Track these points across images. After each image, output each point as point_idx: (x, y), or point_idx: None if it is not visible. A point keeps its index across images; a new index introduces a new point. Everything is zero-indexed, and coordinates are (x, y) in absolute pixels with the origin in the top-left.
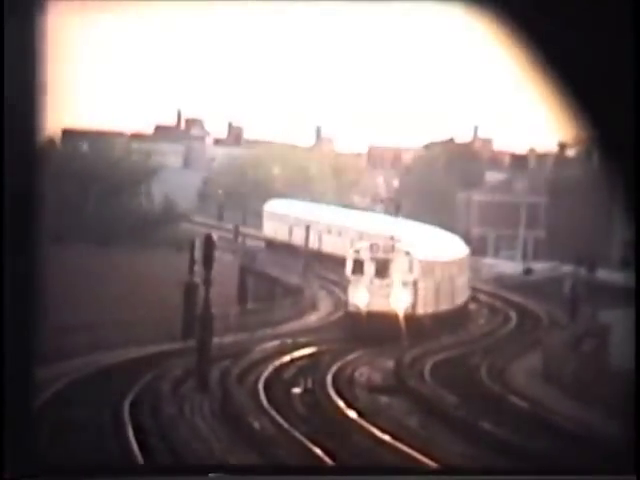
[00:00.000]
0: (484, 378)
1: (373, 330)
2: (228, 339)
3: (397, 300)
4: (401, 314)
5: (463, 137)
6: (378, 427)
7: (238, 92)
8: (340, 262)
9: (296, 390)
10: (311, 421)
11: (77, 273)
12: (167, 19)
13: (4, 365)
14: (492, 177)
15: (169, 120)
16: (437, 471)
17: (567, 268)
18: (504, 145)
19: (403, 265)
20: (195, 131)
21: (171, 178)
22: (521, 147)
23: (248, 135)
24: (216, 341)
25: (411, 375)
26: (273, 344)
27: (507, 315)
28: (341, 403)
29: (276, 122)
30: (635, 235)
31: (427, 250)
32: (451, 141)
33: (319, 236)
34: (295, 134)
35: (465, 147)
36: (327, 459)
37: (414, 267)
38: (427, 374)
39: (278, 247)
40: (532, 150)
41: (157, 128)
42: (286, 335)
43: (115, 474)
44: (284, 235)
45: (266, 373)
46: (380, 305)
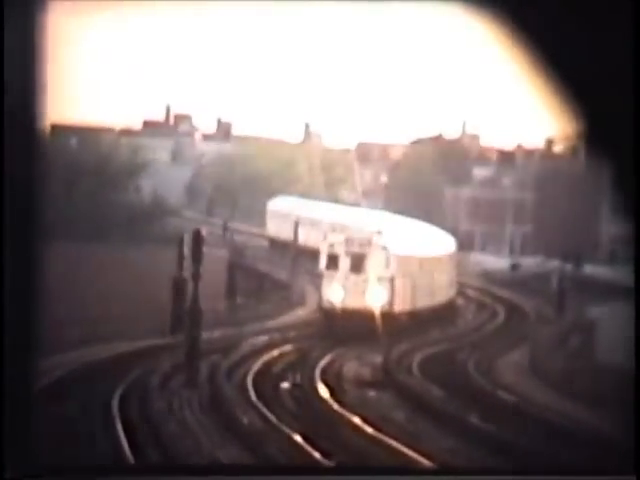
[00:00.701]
0: (472, 372)
1: (348, 327)
2: (217, 334)
3: (373, 297)
4: (377, 311)
5: (451, 133)
6: (366, 421)
7: (227, 88)
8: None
9: (285, 385)
10: (299, 416)
11: (66, 268)
12: (156, 16)
13: (4, 363)
14: (480, 173)
15: (158, 116)
16: (435, 471)
17: (554, 263)
18: (492, 141)
19: (379, 260)
20: (184, 127)
21: (160, 173)
22: (508, 143)
23: (237, 131)
24: (205, 336)
25: (399, 370)
26: (262, 339)
27: (494, 310)
28: (329, 398)
29: (265, 118)
30: (635, 235)
31: (406, 245)
32: (439, 137)
33: (309, 232)
34: (284, 130)
35: (453, 143)
36: (315, 453)
37: (391, 262)
38: (415, 369)
39: (281, 245)
40: (519, 146)
41: (146, 123)
42: (274, 330)
43: (115, 474)
44: (288, 233)
45: (255, 368)
46: (355, 302)
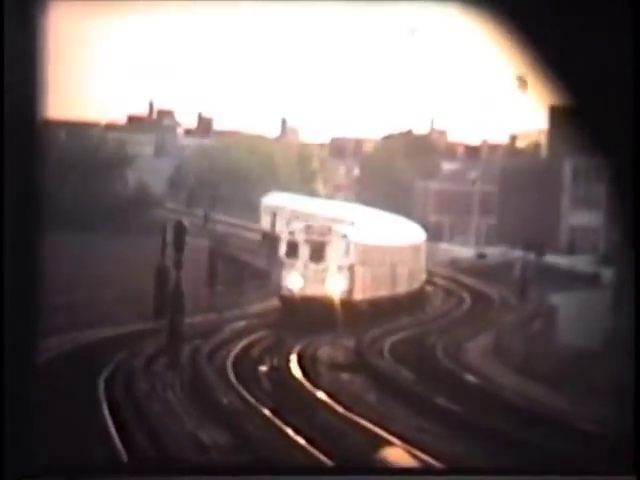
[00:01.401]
0: (439, 356)
1: (307, 315)
2: (198, 319)
3: (332, 285)
4: (337, 299)
5: (420, 129)
6: (339, 402)
7: (208, 85)
8: None
9: (262, 368)
10: (276, 397)
11: (56, 257)
12: (142, 17)
13: (4, 362)
14: (447, 167)
15: (142, 111)
16: (434, 472)
17: (517, 253)
18: (459, 137)
19: (339, 249)
20: (166, 122)
21: (144, 166)
22: (474, 139)
23: (217, 126)
24: (187, 321)
25: (371, 353)
26: (241, 324)
27: (461, 297)
28: (304, 380)
29: (244, 114)
30: (634, 233)
31: (367, 235)
32: (409, 133)
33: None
34: (262, 125)
35: (422, 139)
36: (291, 433)
37: (350, 251)
38: (386, 352)
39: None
40: (485, 142)
41: (130, 119)
42: (253, 316)
43: (116, 474)
44: (279, 227)
45: (234, 352)
46: (315, 290)
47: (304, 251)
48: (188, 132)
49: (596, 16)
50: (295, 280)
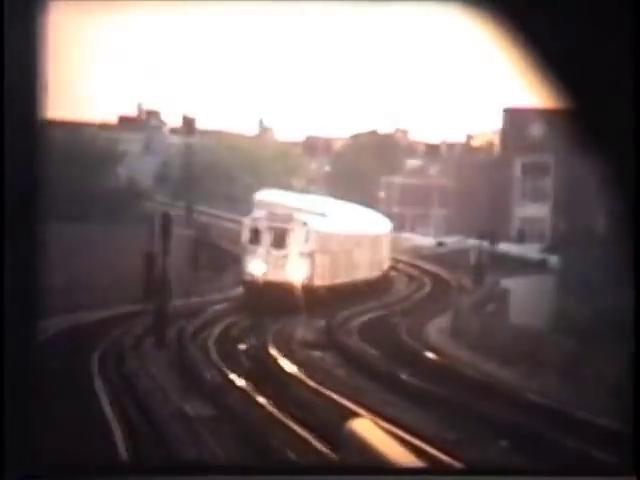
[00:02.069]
0: (403, 335)
1: (269, 300)
2: (183, 302)
3: (293, 271)
4: (298, 285)
5: (385, 129)
6: (311, 378)
7: (192, 87)
8: None
9: (241, 346)
10: (254, 373)
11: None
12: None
13: (4, 362)
14: (410, 164)
15: (131, 112)
16: (432, 471)
17: (472, 241)
18: (420, 136)
19: (300, 236)
20: (154, 122)
21: (134, 163)
22: (434, 138)
23: (200, 125)
24: (172, 304)
25: (341, 333)
26: (221, 307)
27: (422, 282)
28: (280, 357)
29: (225, 114)
30: (635, 233)
31: (329, 223)
32: (375, 132)
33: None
34: (241, 124)
35: (387, 137)
36: (267, 405)
37: (311, 238)
38: (354, 332)
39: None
40: (444, 141)
41: (120, 119)
42: (233, 299)
43: (116, 474)
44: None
45: (216, 331)
46: (276, 275)
47: (266, 238)
48: (174, 131)
49: (596, 16)
50: (257, 266)
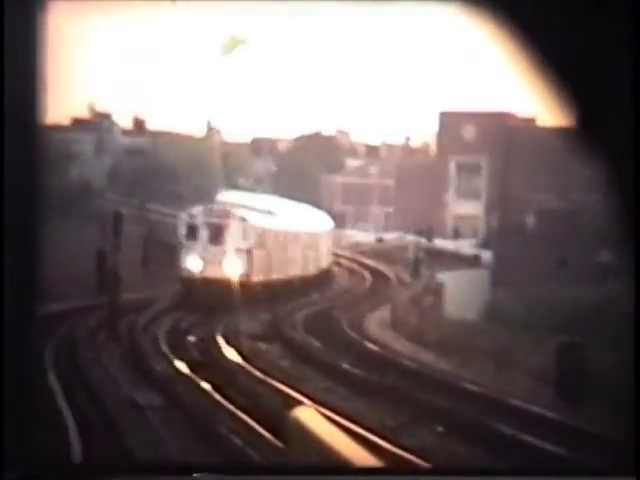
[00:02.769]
0: (344, 327)
1: (206, 296)
2: (134, 296)
3: (230, 267)
4: (235, 281)
5: (327, 131)
6: (258, 368)
7: (142, 90)
8: None
9: (191, 338)
10: (203, 364)
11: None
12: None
13: (4, 360)
14: (351, 164)
15: (83, 113)
16: (428, 471)
17: (410, 238)
18: (360, 138)
19: (238, 232)
20: (105, 123)
21: (86, 163)
22: (374, 139)
23: (150, 126)
24: (124, 297)
25: (285, 325)
26: (171, 301)
27: (363, 276)
28: (228, 349)
29: (174, 116)
30: (635, 233)
31: (268, 219)
32: (317, 134)
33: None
34: (189, 125)
35: (329, 139)
36: (216, 394)
37: (249, 234)
38: (298, 324)
39: None
40: (383, 142)
41: (73, 120)
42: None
43: (116, 474)
44: None
45: (166, 324)
46: (214, 272)
47: (203, 233)
48: (125, 132)
49: (596, 16)
50: (194, 262)
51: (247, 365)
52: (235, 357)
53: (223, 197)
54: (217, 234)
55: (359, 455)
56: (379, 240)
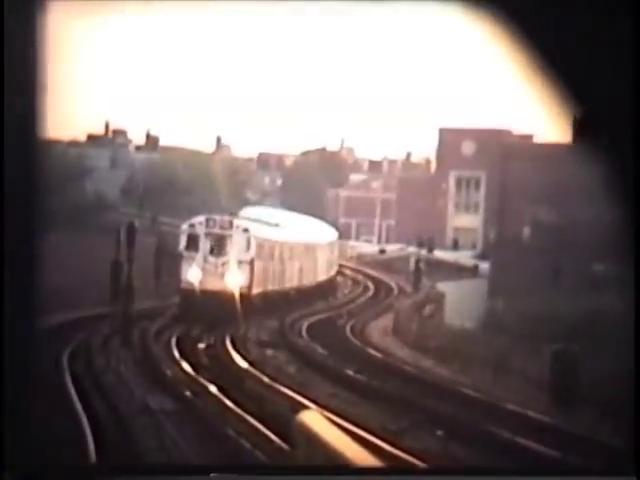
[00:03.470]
0: (348, 335)
1: (206, 309)
2: (146, 305)
3: (232, 279)
4: (236, 294)
5: (332, 146)
6: (265, 374)
7: (156, 108)
8: None
9: (201, 345)
10: (213, 370)
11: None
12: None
13: (4, 363)
14: (354, 178)
15: (99, 130)
16: (427, 471)
17: (412, 249)
18: (364, 153)
19: (240, 243)
20: (120, 139)
21: (101, 177)
22: (376, 154)
23: (163, 142)
24: (137, 306)
25: (291, 333)
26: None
27: (366, 285)
28: (236, 355)
29: (185, 132)
30: (635, 233)
31: (272, 230)
32: (323, 149)
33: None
34: (200, 142)
35: (333, 154)
36: (224, 399)
37: (251, 245)
38: (304, 332)
39: None
40: (385, 157)
41: (89, 136)
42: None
43: (116, 474)
44: None
45: (177, 331)
46: (214, 284)
47: (204, 244)
48: (138, 148)
49: (596, 17)
50: (194, 273)
51: (255, 371)
52: (243, 363)
53: (241, 212)
54: (218, 245)
55: (362, 457)
56: (381, 251)
